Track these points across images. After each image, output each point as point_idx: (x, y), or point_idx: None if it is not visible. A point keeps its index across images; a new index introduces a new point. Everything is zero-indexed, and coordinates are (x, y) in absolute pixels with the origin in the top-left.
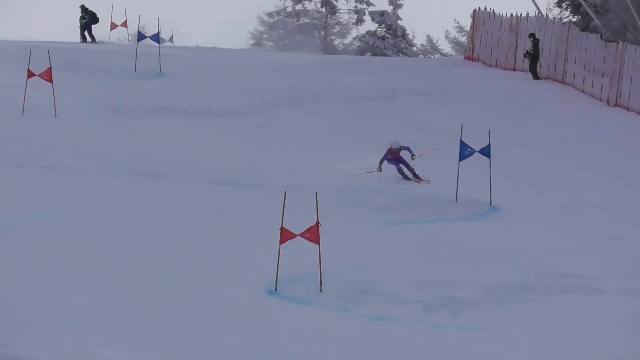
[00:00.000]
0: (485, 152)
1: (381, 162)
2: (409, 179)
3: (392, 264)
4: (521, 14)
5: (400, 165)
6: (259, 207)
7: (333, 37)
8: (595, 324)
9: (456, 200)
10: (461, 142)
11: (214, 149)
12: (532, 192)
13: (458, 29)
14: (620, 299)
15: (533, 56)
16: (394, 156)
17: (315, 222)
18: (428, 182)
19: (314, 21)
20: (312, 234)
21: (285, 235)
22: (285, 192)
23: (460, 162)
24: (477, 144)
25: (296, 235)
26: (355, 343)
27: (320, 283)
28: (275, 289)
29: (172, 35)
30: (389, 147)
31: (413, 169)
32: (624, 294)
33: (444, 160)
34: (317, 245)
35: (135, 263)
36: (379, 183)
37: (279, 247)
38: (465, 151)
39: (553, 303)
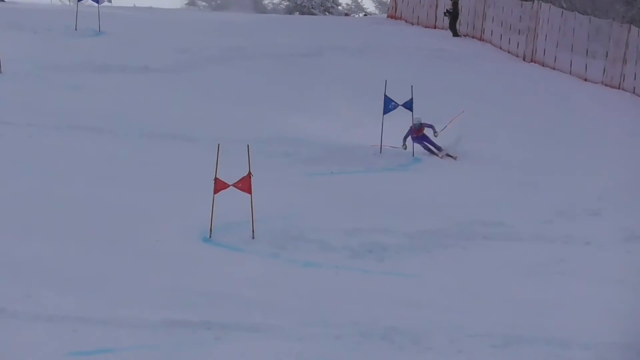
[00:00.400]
0: (408, 105)
1: (405, 138)
2: (437, 155)
3: (320, 213)
4: None
5: (425, 142)
6: (194, 159)
7: None
8: (511, 269)
9: (380, 152)
10: (385, 96)
11: (150, 104)
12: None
13: None
14: (535, 244)
15: (453, 14)
16: (417, 133)
17: (247, 173)
18: (456, 158)
19: None
20: (245, 184)
21: (219, 186)
22: (218, 144)
23: (385, 115)
24: (400, 99)
25: (229, 186)
26: (286, 288)
27: (252, 231)
28: (210, 237)
29: None
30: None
31: (439, 146)
32: (539, 240)
33: (369, 113)
34: (249, 195)
35: (76, 212)
36: (308, 136)
37: (213, 196)
38: (389, 105)
39: (473, 249)
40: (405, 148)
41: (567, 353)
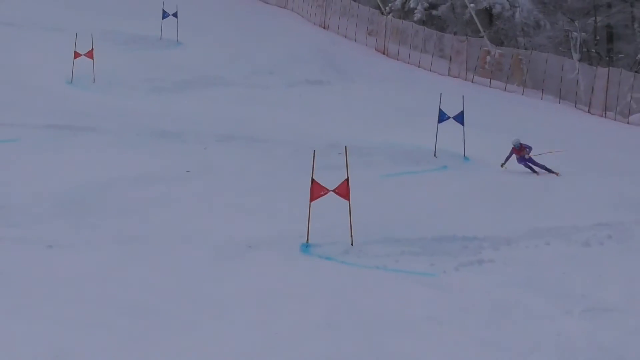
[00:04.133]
0: (459, 119)
1: (506, 159)
2: (537, 173)
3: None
4: None
5: (526, 162)
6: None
7: None
8: None
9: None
10: (440, 109)
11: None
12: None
13: None
14: None
15: None
16: (518, 153)
17: (345, 179)
18: (557, 174)
19: None
20: (342, 190)
21: (317, 191)
22: (314, 150)
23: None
24: None
25: (329, 191)
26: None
27: (351, 237)
28: (307, 241)
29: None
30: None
31: (543, 165)
32: None
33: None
34: (347, 201)
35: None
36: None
37: (309, 203)
38: (443, 117)
39: None
40: (505, 168)
41: None
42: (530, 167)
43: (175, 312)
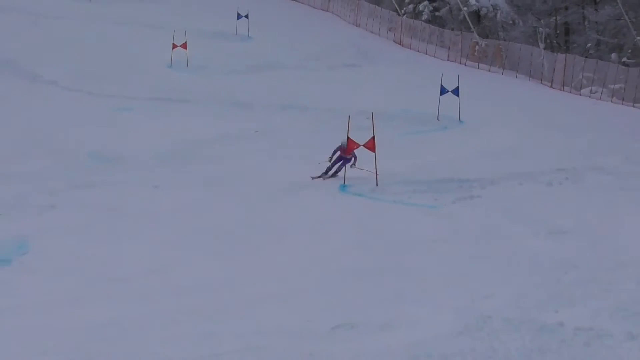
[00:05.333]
0: (456, 92)
1: (333, 153)
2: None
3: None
4: None
5: (340, 165)
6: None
7: None
8: None
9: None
10: (441, 85)
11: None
12: None
13: None
14: None
15: None
16: (344, 153)
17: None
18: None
19: None
20: (370, 145)
21: (351, 145)
22: (349, 115)
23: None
24: None
25: (360, 145)
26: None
27: (376, 179)
28: (344, 182)
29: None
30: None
31: (335, 173)
32: None
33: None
34: (374, 152)
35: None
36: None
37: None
38: (443, 91)
39: None
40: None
41: None
42: (337, 170)
43: (247, 235)
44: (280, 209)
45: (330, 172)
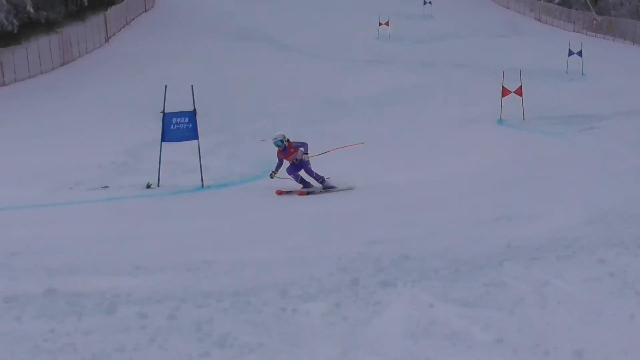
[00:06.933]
0: None
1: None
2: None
3: None
4: None
5: (297, 172)
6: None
7: None
8: None
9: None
10: None
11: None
12: None
13: None
14: None
15: None
16: (285, 157)
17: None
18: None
19: None
20: (518, 91)
21: (505, 93)
22: (502, 72)
23: None
24: None
25: (511, 92)
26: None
27: (523, 115)
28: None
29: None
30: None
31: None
32: None
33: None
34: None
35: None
36: None
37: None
38: None
39: None
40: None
41: None
42: (301, 180)
43: (432, 155)
44: (460, 136)
45: (305, 183)
